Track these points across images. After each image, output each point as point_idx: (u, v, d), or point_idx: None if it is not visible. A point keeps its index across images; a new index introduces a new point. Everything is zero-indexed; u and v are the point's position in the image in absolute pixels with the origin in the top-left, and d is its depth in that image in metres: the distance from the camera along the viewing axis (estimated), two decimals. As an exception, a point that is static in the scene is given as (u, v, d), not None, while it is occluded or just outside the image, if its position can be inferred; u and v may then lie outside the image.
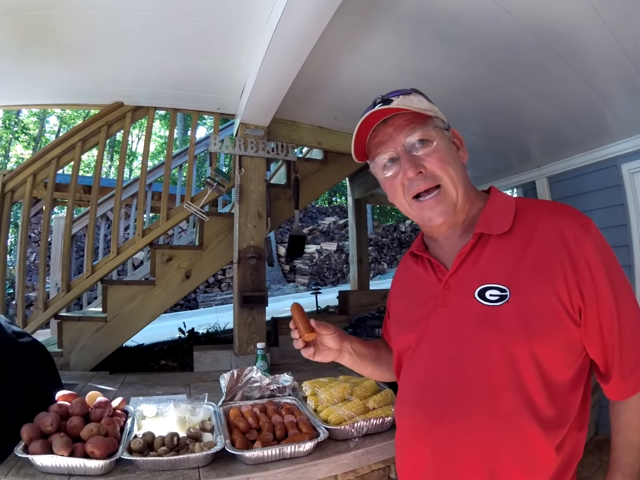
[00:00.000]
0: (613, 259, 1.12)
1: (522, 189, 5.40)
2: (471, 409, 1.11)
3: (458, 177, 1.21)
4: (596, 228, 1.12)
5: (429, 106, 1.24)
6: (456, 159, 1.24)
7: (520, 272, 1.11)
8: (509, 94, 3.20)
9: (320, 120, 4.02)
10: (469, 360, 1.13)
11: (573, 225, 1.11)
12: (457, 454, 1.13)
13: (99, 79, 3.28)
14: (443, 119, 1.26)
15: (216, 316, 6.31)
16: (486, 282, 1.14)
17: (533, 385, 1.07)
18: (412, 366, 1.29)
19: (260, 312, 3.41)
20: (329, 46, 2.66)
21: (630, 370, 1.09)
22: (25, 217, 3.52)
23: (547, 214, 1.16)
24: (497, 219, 1.19)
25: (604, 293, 1.07)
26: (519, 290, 1.09)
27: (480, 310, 1.13)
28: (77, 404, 1.80)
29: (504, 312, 1.09)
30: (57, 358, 3.16)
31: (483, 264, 1.17)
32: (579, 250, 1.07)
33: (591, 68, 2.80)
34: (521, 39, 2.52)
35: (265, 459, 1.71)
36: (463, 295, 1.17)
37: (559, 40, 2.54)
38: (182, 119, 21.83)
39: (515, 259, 1.13)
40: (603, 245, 1.11)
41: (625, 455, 1.15)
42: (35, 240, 12.54)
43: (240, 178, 3.43)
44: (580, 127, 3.71)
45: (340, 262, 16.20)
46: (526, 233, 1.14)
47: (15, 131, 19.96)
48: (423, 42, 2.67)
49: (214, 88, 3.39)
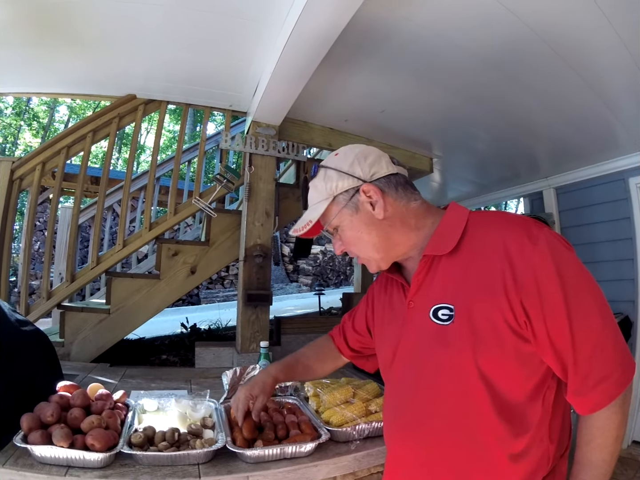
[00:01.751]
0: (573, 270, 1.10)
1: (529, 199, 5.41)
2: (429, 420, 1.22)
3: (370, 244, 1.32)
4: (548, 239, 1.10)
5: (325, 188, 1.32)
6: (365, 227, 1.31)
7: (465, 290, 1.16)
8: (519, 103, 3.21)
9: (331, 122, 4.02)
10: (425, 375, 1.23)
11: (519, 239, 1.11)
12: (421, 462, 1.25)
13: (112, 70, 3.28)
14: (345, 189, 1.30)
15: (218, 313, 6.30)
16: (438, 302, 1.21)
17: (482, 398, 1.13)
18: (390, 379, 1.40)
19: (264, 310, 3.40)
20: (344, 48, 2.65)
21: (590, 387, 1.08)
22: (32, 205, 3.51)
23: (495, 228, 1.19)
24: (444, 239, 1.23)
25: (555, 307, 1.07)
26: (463, 308, 1.15)
27: (433, 329, 1.21)
28: (78, 396, 1.79)
29: (451, 330, 1.17)
30: (59, 348, 3.15)
31: (437, 284, 1.24)
32: (524, 264, 1.08)
33: (602, 79, 2.81)
34: (533, 47, 2.52)
35: (266, 458, 1.70)
36: (421, 315, 1.25)
37: (570, 50, 2.54)
38: (191, 114, 21.82)
39: (461, 277, 1.18)
40: (557, 257, 1.09)
41: (583, 472, 1.16)
42: (39, 229, 12.56)
43: (250, 176, 3.43)
44: (589, 139, 3.71)
45: (344, 264, 16.19)
46: (471, 250, 1.19)
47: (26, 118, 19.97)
48: (434, 48, 2.66)
49: (227, 85, 3.39)
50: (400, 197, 1.31)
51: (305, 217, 1.35)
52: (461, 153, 4.60)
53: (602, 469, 1.13)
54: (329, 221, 1.33)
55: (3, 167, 3.34)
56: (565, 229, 4.74)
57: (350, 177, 1.29)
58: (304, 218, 1.35)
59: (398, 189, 1.31)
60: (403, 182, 1.33)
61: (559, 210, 4.85)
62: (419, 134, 4.12)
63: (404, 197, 1.31)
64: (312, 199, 1.36)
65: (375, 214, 1.28)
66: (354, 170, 1.29)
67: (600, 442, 1.12)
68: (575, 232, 4.61)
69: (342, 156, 1.34)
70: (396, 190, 1.31)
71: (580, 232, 4.53)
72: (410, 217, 1.31)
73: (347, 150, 1.36)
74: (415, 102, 3.41)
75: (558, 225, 4.81)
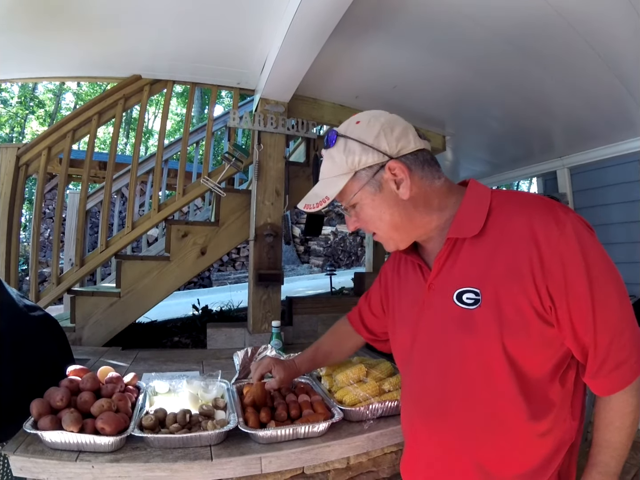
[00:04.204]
0: (597, 257, 1.08)
1: (542, 179, 5.35)
2: (455, 404, 1.21)
3: (390, 224, 1.24)
4: (575, 225, 1.08)
5: (345, 162, 1.21)
6: (387, 207, 1.23)
7: (492, 274, 1.13)
8: (534, 79, 3.11)
9: (341, 99, 3.94)
10: (451, 360, 1.20)
11: (546, 223, 1.08)
12: (447, 447, 1.24)
13: (116, 50, 3.23)
14: (368, 165, 1.20)
15: (230, 294, 6.29)
16: (463, 285, 1.17)
17: (508, 381, 1.12)
18: (410, 363, 1.36)
19: (275, 290, 3.37)
20: (353, 24, 2.58)
21: (607, 371, 1.09)
22: (39, 191, 3.50)
23: (520, 211, 1.14)
24: (469, 221, 1.18)
25: (579, 293, 1.06)
26: (490, 293, 1.12)
27: (458, 313, 1.17)
28: (88, 379, 1.77)
29: (477, 314, 1.13)
30: (70, 333, 3.16)
31: (460, 267, 1.20)
32: (551, 250, 1.06)
33: (619, 57, 2.70)
34: (549, 21, 2.41)
35: (278, 439, 1.68)
36: (444, 298, 1.21)
37: (587, 25, 2.44)
38: (199, 97, 21.79)
39: (487, 261, 1.14)
40: (583, 243, 1.06)
41: (602, 453, 1.17)
42: (49, 217, 12.63)
43: (259, 154, 3.38)
44: (605, 118, 3.62)
45: (355, 245, 16.14)
46: (497, 234, 1.14)
47: (30, 106, 20.00)
48: (446, 19, 2.57)
49: (234, 62, 3.32)
50: (426, 176, 1.22)
51: (320, 192, 1.25)
52: (474, 131, 4.51)
53: (620, 450, 1.15)
54: (347, 199, 1.24)
55: (8, 153, 3.32)
56: (579, 210, 4.66)
57: (375, 152, 1.18)
58: (318, 193, 1.26)
59: (424, 167, 1.22)
60: (429, 158, 1.25)
61: (573, 191, 4.77)
62: (432, 111, 4.04)
63: (429, 175, 1.23)
64: (327, 171, 1.26)
65: (400, 193, 1.19)
66: (379, 143, 1.18)
67: (618, 424, 1.14)
68: (588, 213, 4.55)
69: (366, 126, 1.21)
70: (422, 169, 1.22)
71: (594, 213, 4.48)
72: (434, 197, 1.24)
73: (370, 118, 1.23)
74: (428, 78, 3.32)
75: (572, 206, 4.71)
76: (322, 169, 1.28)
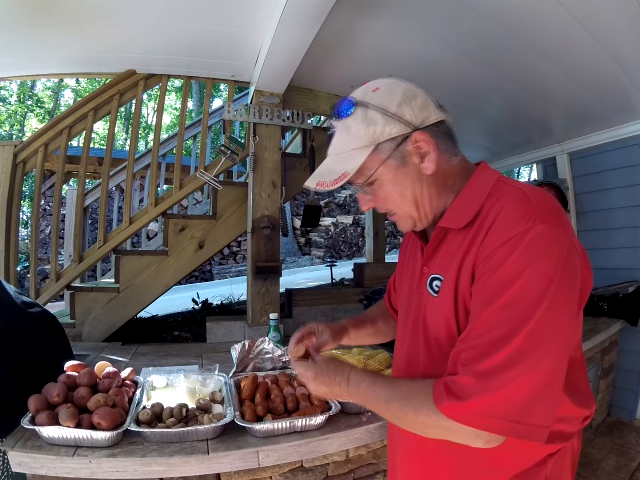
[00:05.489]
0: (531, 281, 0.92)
1: (542, 165, 5.32)
2: None
3: (412, 202, 1.15)
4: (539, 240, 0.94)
5: (366, 132, 1.09)
6: (410, 182, 1.13)
7: (454, 264, 1.08)
8: (532, 65, 3.10)
9: (337, 89, 3.93)
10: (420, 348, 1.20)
11: (510, 220, 0.98)
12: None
13: (111, 46, 3.23)
14: (392, 136, 1.08)
15: (230, 288, 6.31)
16: (435, 272, 1.16)
17: None
18: (399, 339, 1.38)
19: (274, 282, 3.38)
20: (348, 10, 2.56)
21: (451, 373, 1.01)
22: (37, 188, 3.49)
23: (502, 205, 1.03)
24: (460, 212, 1.11)
25: (482, 298, 0.98)
26: (448, 281, 1.09)
27: (426, 299, 1.18)
28: (84, 375, 1.77)
29: (437, 302, 1.12)
30: (70, 329, 3.17)
31: (442, 253, 1.16)
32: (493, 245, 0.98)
33: (616, 41, 2.70)
34: (546, 7, 2.41)
35: (275, 432, 1.68)
36: (424, 283, 1.20)
37: (584, 11, 2.43)
38: (199, 90, 21.71)
39: (458, 249, 1.09)
40: (526, 258, 0.93)
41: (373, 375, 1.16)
42: (50, 213, 12.64)
43: (255, 146, 3.38)
44: (603, 102, 3.60)
45: (356, 236, 16.14)
46: (478, 225, 1.05)
47: (29, 105, 19.99)
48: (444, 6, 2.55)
49: (228, 54, 3.31)
50: (447, 151, 1.13)
51: (336, 167, 1.12)
52: (473, 118, 4.48)
53: (373, 393, 1.11)
54: (366, 174, 1.11)
55: (6, 151, 3.33)
56: (579, 195, 4.64)
57: (398, 122, 1.07)
58: (333, 169, 1.12)
59: (446, 140, 1.14)
60: (449, 131, 1.16)
61: (573, 176, 4.75)
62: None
63: (449, 150, 1.14)
64: (342, 145, 1.14)
65: (423, 167, 1.11)
66: (402, 112, 1.08)
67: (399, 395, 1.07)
68: (589, 198, 4.53)
69: (386, 93, 1.11)
70: (444, 142, 1.13)
71: (595, 198, 4.45)
72: (450, 176, 1.16)
73: (390, 85, 1.13)
74: (424, 66, 3.29)
75: (572, 191, 4.70)
76: (334, 142, 1.17)
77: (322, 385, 1.17)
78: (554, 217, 0.98)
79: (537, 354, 0.91)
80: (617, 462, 3.37)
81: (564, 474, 1.15)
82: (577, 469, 1.23)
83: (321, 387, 1.18)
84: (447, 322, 1.08)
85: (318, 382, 1.17)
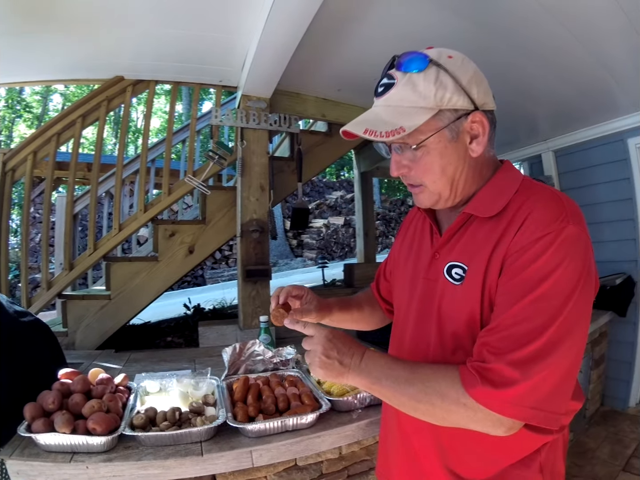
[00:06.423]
0: (564, 278, 0.96)
1: (527, 163, 5.38)
2: None
3: (450, 179, 1.13)
4: (572, 239, 0.98)
5: (434, 94, 1.04)
6: (455, 159, 1.11)
7: (482, 253, 1.07)
8: (518, 66, 3.14)
9: (324, 92, 3.97)
10: (432, 335, 1.17)
11: (543, 219, 1.00)
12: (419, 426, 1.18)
13: (99, 52, 3.23)
14: (455, 108, 1.06)
15: (223, 292, 6.32)
16: (455, 259, 1.14)
17: None
18: (399, 327, 1.36)
19: (264, 285, 3.40)
20: (333, 15, 2.60)
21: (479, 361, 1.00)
22: (27, 196, 3.49)
23: (534, 204, 1.04)
24: (490, 202, 1.11)
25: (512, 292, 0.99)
26: (475, 272, 1.08)
27: (443, 286, 1.15)
28: (78, 381, 1.79)
29: (460, 292, 1.10)
30: (62, 338, 3.18)
31: (463, 242, 1.15)
32: (524, 241, 1.00)
33: (599, 41, 2.77)
34: (530, 10, 2.45)
35: (267, 432, 1.71)
36: (440, 270, 1.17)
37: (568, 15, 2.50)
38: (187, 94, 21.68)
39: (485, 240, 1.08)
40: (561, 256, 0.96)
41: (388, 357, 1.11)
42: (39, 221, 12.57)
43: (242, 151, 3.39)
44: (588, 100, 3.68)
45: (348, 237, 16.16)
46: (507, 219, 1.06)
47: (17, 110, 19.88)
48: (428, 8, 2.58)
49: (215, 60, 3.33)
50: (490, 140, 1.14)
51: (392, 120, 1.05)
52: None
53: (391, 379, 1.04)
54: (419, 137, 1.06)
55: (-6, 159, 3.32)
56: (566, 191, 4.68)
57: (465, 96, 1.06)
58: (388, 121, 1.06)
59: (492, 130, 1.14)
60: (495, 124, 1.17)
61: (559, 173, 4.84)
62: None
63: (492, 141, 1.16)
64: (403, 99, 1.08)
65: (471, 149, 1.11)
66: (471, 88, 1.07)
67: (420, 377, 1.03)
68: (575, 193, 4.58)
69: (461, 64, 1.09)
70: (492, 131, 1.14)
71: (581, 194, 4.51)
72: (485, 165, 1.17)
73: (463, 58, 1.12)
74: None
75: (558, 188, 4.76)
76: (391, 93, 1.10)
77: (334, 350, 1.07)
78: (582, 220, 1.03)
79: (565, 344, 0.94)
80: (612, 450, 3.41)
81: (557, 462, 1.17)
82: (574, 458, 1.27)
83: (332, 352, 1.06)
84: (472, 311, 1.07)
85: (331, 344, 1.07)
